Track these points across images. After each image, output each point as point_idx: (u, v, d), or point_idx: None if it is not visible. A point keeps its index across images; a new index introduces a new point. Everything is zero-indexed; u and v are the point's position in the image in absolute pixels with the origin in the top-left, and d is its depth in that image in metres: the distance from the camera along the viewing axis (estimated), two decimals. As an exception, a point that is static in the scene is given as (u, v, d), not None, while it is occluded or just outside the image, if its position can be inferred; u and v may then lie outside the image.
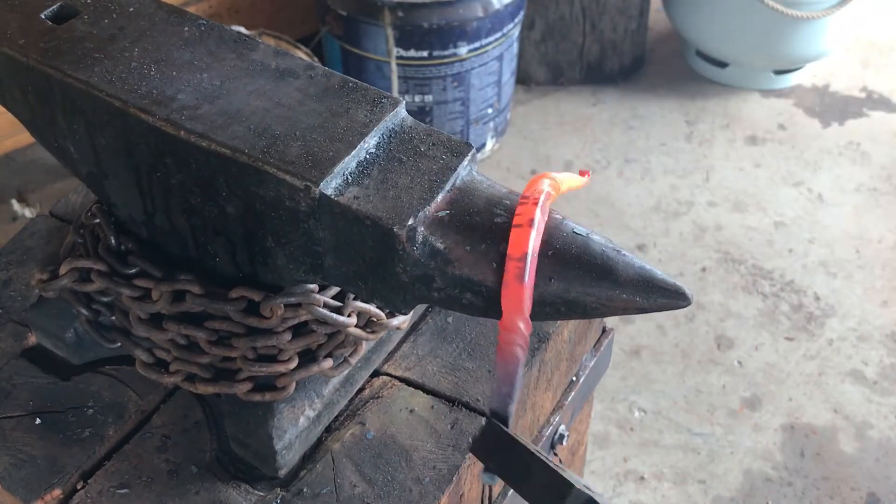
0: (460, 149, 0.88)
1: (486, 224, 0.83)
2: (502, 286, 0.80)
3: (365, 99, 0.91)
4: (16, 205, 2.75)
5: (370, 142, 0.87)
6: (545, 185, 0.83)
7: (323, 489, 1.00)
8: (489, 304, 0.83)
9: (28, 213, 2.72)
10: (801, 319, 2.57)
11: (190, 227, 0.96)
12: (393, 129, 0.90)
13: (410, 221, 0.81)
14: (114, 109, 0.90)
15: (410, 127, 0.91)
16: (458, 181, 0.86)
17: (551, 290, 0.81)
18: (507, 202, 0.85)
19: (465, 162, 0.87)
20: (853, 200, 2.95)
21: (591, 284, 0.80)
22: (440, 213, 0.84)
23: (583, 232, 0.83)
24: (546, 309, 0.82)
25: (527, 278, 0.79)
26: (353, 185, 0.84)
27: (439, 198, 0.84)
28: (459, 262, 0.82)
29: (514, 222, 0.80)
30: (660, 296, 0.80)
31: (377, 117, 0.89)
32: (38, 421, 1.06)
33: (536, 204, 0.81)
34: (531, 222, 0.79)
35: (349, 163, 0.85)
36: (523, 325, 0.81)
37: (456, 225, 0.83)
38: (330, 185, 0.83)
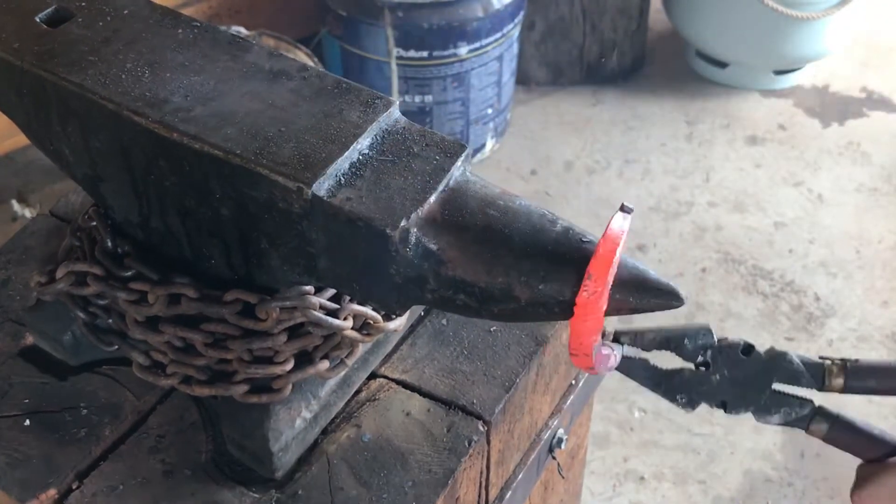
0: (454, 149, 0.88)
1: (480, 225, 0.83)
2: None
3: (358, 100, 0.91)
4: (16, 205, 2.75)
5: (363, 143, 0.87)
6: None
7: (318, 491, 1.00)
8: (482, 305, 0.83)
9: (28, 213, 2.72)
10: (801, 320, 2.57)
11: (185, 230, 0.96)
12: (386, 129, 0.90)
13: (403, 223, 0.81)
14: (108, 112, 0.90)
15: (404, 128, 0.90)
16: (451, 182, 0.86)
17: (544, 292, 0.80)
18: (501, 202, 0.84)
19: (459, 163, 0.87)
20: (853, 200, 2.94)
21: (584, 285, 0.80)
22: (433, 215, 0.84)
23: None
24: (540, 310, 0.82)
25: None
26: (346, 186, 0.84)
27: (432, 199, 0.84)
28: (452, 263, 0.82)
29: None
30: (653, 296, 0.80)
31: (370, 118, 0.89)
32: (33, 421, 1.06)
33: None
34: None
35: (342, 164, 0.85)
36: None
37: (449, 226, 0.83)
38: (322, 187, 0.83)
